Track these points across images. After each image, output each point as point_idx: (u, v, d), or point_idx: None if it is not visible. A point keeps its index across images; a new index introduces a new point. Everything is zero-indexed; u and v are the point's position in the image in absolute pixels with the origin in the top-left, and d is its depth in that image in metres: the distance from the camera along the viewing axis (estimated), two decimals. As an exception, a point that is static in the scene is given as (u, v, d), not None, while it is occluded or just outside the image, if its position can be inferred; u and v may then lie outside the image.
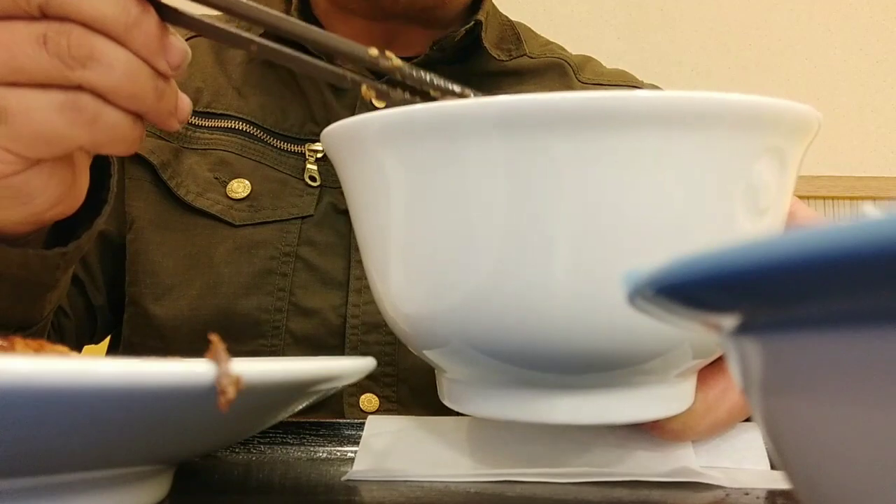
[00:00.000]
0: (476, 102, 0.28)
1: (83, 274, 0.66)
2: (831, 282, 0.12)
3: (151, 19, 0.36)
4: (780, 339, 0.15)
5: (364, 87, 0.38)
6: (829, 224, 0.12)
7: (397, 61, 0.38)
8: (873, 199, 1.64)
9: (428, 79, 0.37)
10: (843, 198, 1.65)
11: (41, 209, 0.40)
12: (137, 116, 0.38)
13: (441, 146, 0.29)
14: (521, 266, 0.29)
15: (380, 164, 0.31)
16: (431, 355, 0.35)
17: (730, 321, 0.16)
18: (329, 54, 0.47)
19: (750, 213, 0.30)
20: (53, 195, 0.40)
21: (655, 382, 0.34)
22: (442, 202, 0.30)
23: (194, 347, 0.30)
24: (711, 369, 0.37)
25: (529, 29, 0.77)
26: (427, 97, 0.38)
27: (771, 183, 0.30)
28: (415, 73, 0.38)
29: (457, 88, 0.37)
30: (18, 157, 0.37)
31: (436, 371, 0.38)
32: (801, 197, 0.33)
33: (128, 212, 0.66)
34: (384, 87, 0.38)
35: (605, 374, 0.32)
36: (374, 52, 0.38)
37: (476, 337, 0.32)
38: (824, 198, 1.65)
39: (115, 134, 0.37)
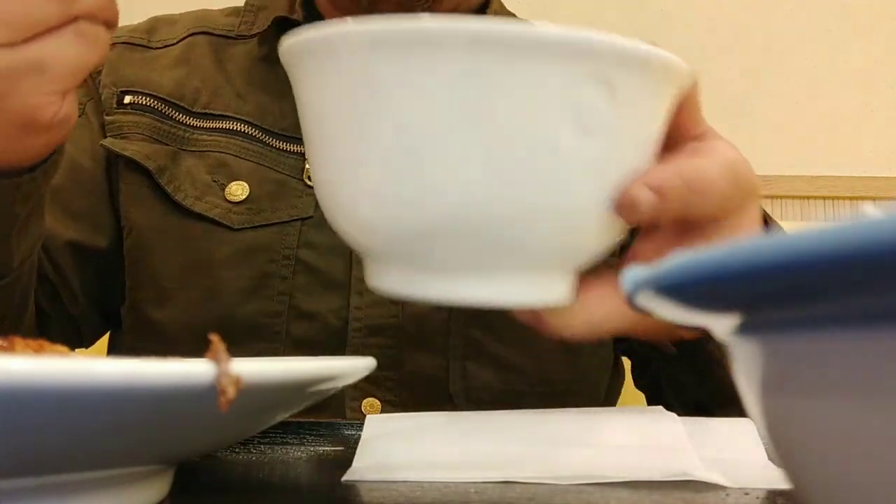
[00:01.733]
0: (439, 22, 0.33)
1: (57, 280, 0.65)
2: (831, 282, 0.12)
3: None
4: (780, 339, 0.15)
5: None
6: (826, 223, 0.12)
7: None
8: (873, 199, 1.64)
9: None
10: (843, 198, 1.65)
11: (68, 131, 0.46)
12: (108, 26, 0.45)
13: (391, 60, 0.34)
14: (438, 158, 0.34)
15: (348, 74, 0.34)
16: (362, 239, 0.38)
17: (730, 321, 0.16)
18: None
19: (575, 130, 0.34)
20: (76, 114, 0.46)
21: (537, 268, 0.38)
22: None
23: (196, 353, 0.30)
24: (593, 277, 0.40)
25: None
26: None
27: (596, 107, 0.35)
28: None
29: None
30: (58, 94, 0.43)
31: (362, 258, 0.40)
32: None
33: (126, 218, 0.66)
34: None
35: (497, 236, 0.35)
36: None
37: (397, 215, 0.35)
38: (824, 198, 1.65)
39: (106, 46, 0.44)
